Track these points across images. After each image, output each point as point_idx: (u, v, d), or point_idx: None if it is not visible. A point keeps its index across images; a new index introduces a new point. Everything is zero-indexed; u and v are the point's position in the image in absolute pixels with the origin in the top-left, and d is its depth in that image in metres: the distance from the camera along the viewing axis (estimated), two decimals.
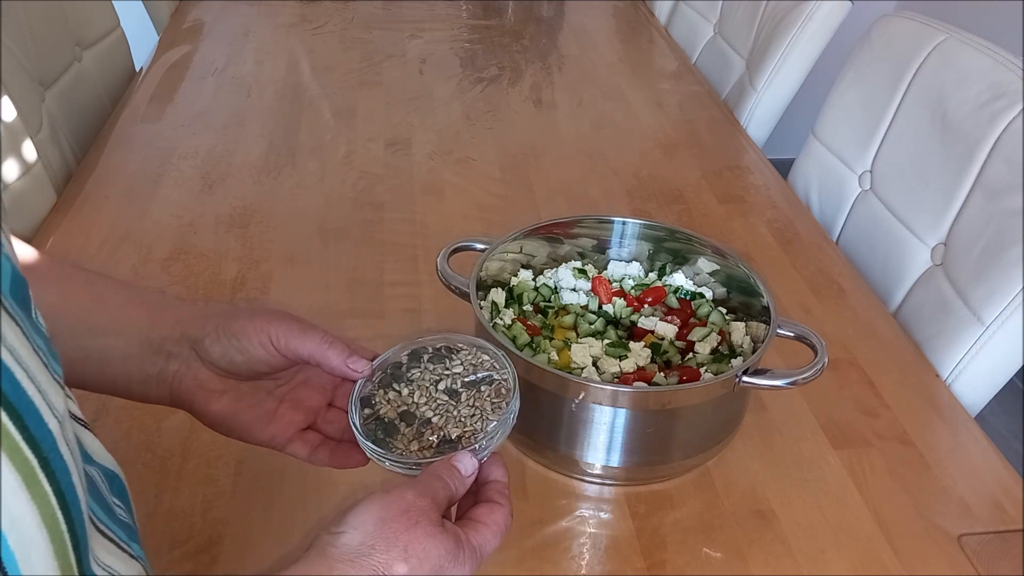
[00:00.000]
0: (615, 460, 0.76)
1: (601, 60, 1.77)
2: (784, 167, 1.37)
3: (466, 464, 0.53)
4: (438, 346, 0.61)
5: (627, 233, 0.92)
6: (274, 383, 0.61)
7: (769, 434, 0.85)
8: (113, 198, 1.20)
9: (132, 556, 0.45)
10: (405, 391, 0.59)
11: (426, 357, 0.61)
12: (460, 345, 0.61)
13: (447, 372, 0.60)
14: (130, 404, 0.83)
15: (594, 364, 0.80)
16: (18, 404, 0.32)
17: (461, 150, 1.36)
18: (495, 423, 0.56)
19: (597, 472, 0.77)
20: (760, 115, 1.52)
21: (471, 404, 0.58)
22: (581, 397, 0.72)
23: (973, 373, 0.95)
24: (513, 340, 0.79)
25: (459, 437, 0.56)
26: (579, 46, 1.84)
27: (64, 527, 0.34)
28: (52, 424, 0.34)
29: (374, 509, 0.48)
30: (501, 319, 0.84)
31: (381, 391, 0.59)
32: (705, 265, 0.90)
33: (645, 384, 0.77)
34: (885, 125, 1.19)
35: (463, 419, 0.57)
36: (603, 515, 0.77)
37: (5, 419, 0.31)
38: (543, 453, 0.79)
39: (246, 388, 0.59)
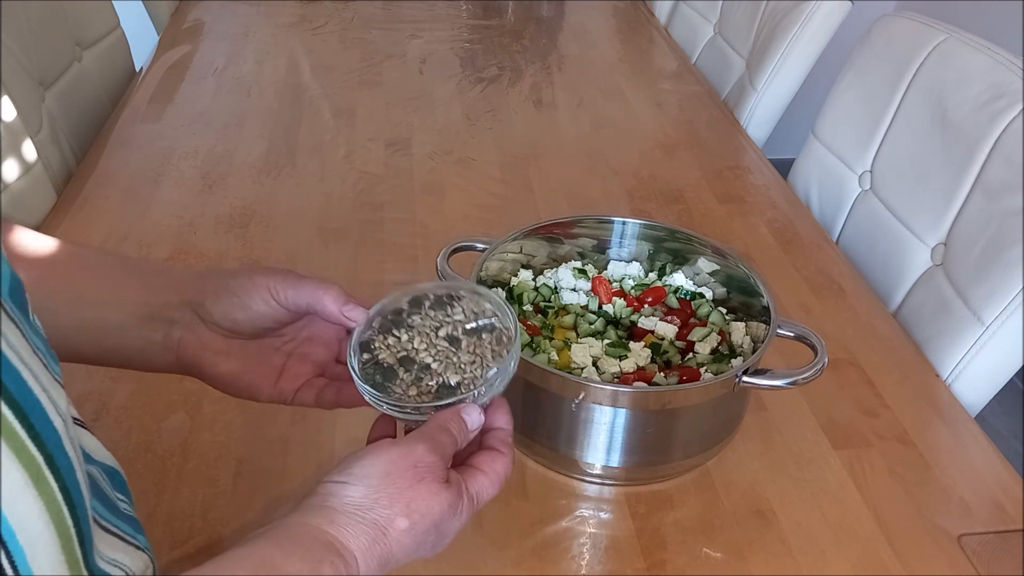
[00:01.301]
0: (615, 460, 0.76)
1: (601, 60, 1.77)
2: (784, 167, 1.37)
3: (474, 418, 0.53)
4: (439, 293, 0.60)
5: (627, 233, 0.92)
6: (280, 340, 0.61)
7: (769, 434, 0.85)
8: (113, 198, 1.20)
9: (139, 547, 0.45)
10: (404, 337, 0.57)
11: (427, 304, 0.59)
12: (462, 292, 0.60)
13: (448, 319, 0.58)
14: (130, 404, 0.84)
15: (594, 364, 0.80)
16: (24, 403, 0.32)
17: (461, 150, 1.36)
18: (495, 370, 0.55)
19: (597, 472, 0.77)
20: (760, 115, 1.52)
21: (471, 351, 0.56)
22: (581, 397, 0.72)
23: (973, 373, 0.95)
24: None
25: (458, 384, 0.55)
26: (579, 46, 1.84)
27: (70, 522, 0.34)
28: (57, 423, 0.34)
29: (381, 463, 0.48)
30: None
31: (380, 336, 0.58)
32: (705, 265, 0.90)
33: (645, 384, 0.77)
34: (885, 125, 1.19)
35: (463, 365, 0.56)
36: (603, 515, 0.77)
37: (11, 417, 0.31)
38: (543, 453, 0.79)
39: (252, 347, 0.59)
